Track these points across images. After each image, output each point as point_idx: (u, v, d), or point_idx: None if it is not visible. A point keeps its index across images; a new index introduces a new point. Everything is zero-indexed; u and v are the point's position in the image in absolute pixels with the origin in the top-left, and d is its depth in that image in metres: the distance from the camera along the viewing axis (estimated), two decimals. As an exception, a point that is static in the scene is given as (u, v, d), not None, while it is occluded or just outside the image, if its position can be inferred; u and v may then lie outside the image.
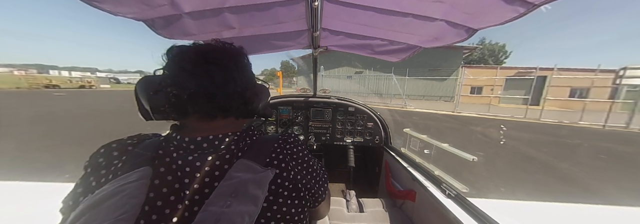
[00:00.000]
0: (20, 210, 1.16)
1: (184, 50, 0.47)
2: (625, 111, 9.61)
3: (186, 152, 0.45)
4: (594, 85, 11.06)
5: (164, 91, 0.46)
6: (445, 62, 17.56)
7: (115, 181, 0.39)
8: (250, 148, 0.50)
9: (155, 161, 0.43)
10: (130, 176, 0.40)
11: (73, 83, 23.05)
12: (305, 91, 2.10)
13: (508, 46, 35.14)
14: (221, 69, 0.46)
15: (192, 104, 0.46)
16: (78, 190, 0.43)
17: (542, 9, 0.62)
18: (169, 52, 0.48)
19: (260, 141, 0.53)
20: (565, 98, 14.87)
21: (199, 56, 0.46)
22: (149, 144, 0.48)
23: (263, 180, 0.44)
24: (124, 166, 0.43)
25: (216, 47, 0.49)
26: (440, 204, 0.97)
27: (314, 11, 0.84)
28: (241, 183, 0.41)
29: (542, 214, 1.36)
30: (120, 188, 0.38)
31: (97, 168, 0.44)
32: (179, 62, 0.46)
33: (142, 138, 0.50)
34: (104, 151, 0.46)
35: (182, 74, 0.45)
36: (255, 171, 0.44)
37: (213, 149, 0.46)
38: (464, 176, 3.45)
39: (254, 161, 0.46)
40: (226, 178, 0.42)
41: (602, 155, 5.15)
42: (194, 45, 0.49)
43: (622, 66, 8.91)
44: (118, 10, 0.76)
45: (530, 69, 15.45)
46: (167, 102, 0.46)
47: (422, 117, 9.70)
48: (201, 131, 0.48)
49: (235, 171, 0.43)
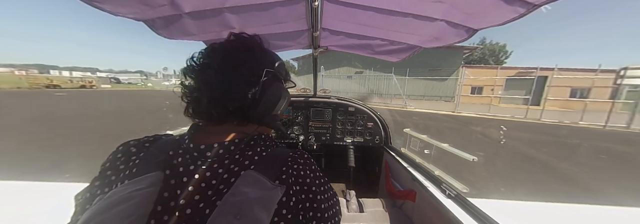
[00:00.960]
0: (20, 210, 1.16)
1: (199, 52, 0.50)
2: (626, 111, 9.61)
3: (192, 159, 0.44)
4: (594, 85, 11.04)
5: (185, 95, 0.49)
6: (445, 62, 17.55)
7: (128, 185, 0.40)
8: (261, 159, 0.46)
9: (166, 164, 0.44)
10: (143, 180, 0.40)
11: (74, 83, 23.07)
12: (305, 91, 2.10)
13: (508, 46, 35.18)
14: (219, 72, 0.46)
15: (193, 108, 0.47)
16: (96, 183, 0.44)
17: (542, 10, 0.62)
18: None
19: (272, 153, 0.49)
20: (565, 98, 14.85)
21: (199, 58, 0.48)
22: (164, 144, 0.48)
23: (271, 200, 0.40)
24: (140, 164, 0.44)
25: (214, 46, 0.50)
26: (440, 204, 0.97)
27: (314, 11, 0.84)
28: (247, 203, 0.38)
29: (542, 214, 1.36)
30: (130, 194, 0.38)
31: (117, 163, 0.45)
32: (187, 68, 0.48)
33: (158, 137, 0.51)
34: (123, 148, 0.48)
35: (188, 79, 0.48)
36: (263, 186, 0.41)
37: (216, 157, 0.44)
38: (464, 176, 3.45)
39: (263, 174, 0.43)
40: (232, 193, 0.39)
41: (602, 155, 5.15)
42: (205, 49, 0.50)
43: (622, 66, 8.91)
44: (118, 10, 0.76)
45: (531, 69, 15.45)
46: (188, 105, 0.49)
47: (422, 118, 9.70)
48: (207, 136, 0.48)
49: (243, 185, 0.40)
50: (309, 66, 21.14)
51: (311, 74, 1.79)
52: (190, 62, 0.49)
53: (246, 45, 0.51)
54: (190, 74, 0.48)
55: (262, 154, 0.47)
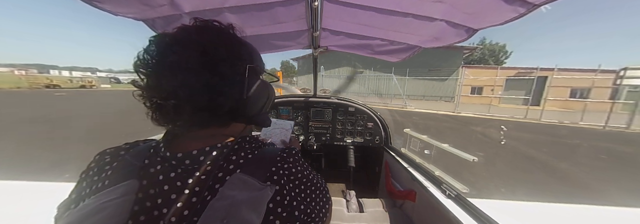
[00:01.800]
0: (20, 210, 1.16)
1: (150, 44, 0.41)
2: (626, 112, 9.61)
3: (171, 166, 0.41)
4: (594, 85, 11.04)
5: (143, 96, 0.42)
6: (445, 62, 17.54)
7: (100, 196, 0.38)
8: (247, 162, 0.43)
9: (141, 172, 0.41)
10: (115, 191, 0.38)
11: (73, 83, 23.12)
12: (305, 91, 2.10)
13: (508, 46, 35.23)
14: (198, 73, 0.39)
15: (163, 114, 0.41)
16: (72, 196, 0.43)
17: (542, 9, 0.62)
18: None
19: (260, 154, 0.46)
20: (565, 98, 14.84)
21: (160, 51, 0.39)
22: (140, 152, 0.45)
23: (260, 200, 0.38)
24: (113, 175, 0.41)
25: (179, 37, 0.41)
26: (440, 205, 0.97)
27: (314, 11, 0.84)
28: (234, 205, 0.36)
29: (542, 214, 1.36)
30: (102, 205, 0.37)
31: (90, 174, 0.44)
32: (142, 63, 0.40)
33: (135, 144, 0.49)
34: (99, 157, 0.46)
35: (142, 74, 0.40)
36: (252, 187, 0.39)
37: (198, 165, 0.41)
38: (464, 176, 3.44)
39: (251, 176, 0.41)
40: (218, 197, 0.38)
41: (602, 155, 5.15)
42: (158, 36, 0.41)
43: (622, 66, 8.91)
44: (118, 10, 0.76)
45: (531, 69, 15.45)
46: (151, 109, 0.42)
47: (422, 118, 9.70)
48: (187, 142, 0.44)
49: (229, 189, 0.38)
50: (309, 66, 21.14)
51: (311, 74, 1.79)
52: (145, 56, 0.40)
53: (223, 36, 0.44)
54: (148, 70, 0.40)
55: (248, 156, 0.45)
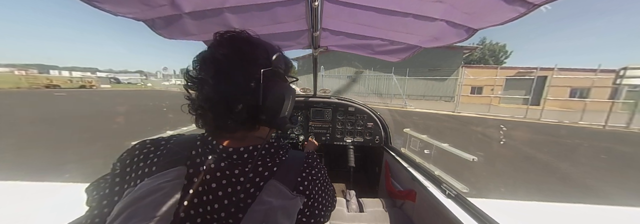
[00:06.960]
0: (20, 210, 1.16)
1: (194, 62, 0.48)
2: (626, 111, 9.61)
3: (220, 157, 0.46)
4: (594, 85, 11.05)
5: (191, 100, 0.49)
6: (445, 62, 17.53)
7: (155, 178, 0.42)
8: (279, 168, 0.49)
9: (188, 161, 0.45)
10: (168, 174, 0.42)
11: (73, 83, 23.07)
12: (305, 90, 2.10)
13: (508, 46, 35.14)
14: (215, 87, 0.44)
15: (202, 121, 0.48)
16: (116, 180, 0.46)
17: (542, 9, 0.62)
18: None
19: (288, 161, 0.51)
20: (565, 98, 14.85)
21: (199, 74, 0.46)
22: (185, 142, 0.49)
23: (292, 209, 0.46)
24: (160, 161, 0.45)
25: (206, 60, 0.46)
26: (440, 204, 0.97)
27: (314, 11, 0.84)
28: (271, 211, 0.42)
29: (542, 214, 1.36)
30: (159, 186, 0.40)
31: (135, 160, 0.46)
32: (187, 81, 0.48)
33: (171, 137, 0.52)
34: (140, 146, 0.49)
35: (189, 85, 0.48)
36: (285, 196, 0.45)
37: (241, 161, 0.46)
38: (464, 176, 3.44)
39: (283, 184, 0.47)
40: (257, 202, 0.43)
41: (602, 155, 5.15)
42: (198, 61, 0.47)
43: (622, 66, 8.91)
44: (118, 10, 0.76)
45: (531, 69, 15.44)
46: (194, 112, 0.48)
47: (422, 117, 9.70)
48: (227, 140, 0.48)
49: (267, 195, 0.44)
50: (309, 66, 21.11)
51: (311, 74, 1.79)
52: (187, 76, 0.47)
53: (236, 49, 0.46)
54: (192, 87, 0.47)
55: (276, 161, 0.50)
